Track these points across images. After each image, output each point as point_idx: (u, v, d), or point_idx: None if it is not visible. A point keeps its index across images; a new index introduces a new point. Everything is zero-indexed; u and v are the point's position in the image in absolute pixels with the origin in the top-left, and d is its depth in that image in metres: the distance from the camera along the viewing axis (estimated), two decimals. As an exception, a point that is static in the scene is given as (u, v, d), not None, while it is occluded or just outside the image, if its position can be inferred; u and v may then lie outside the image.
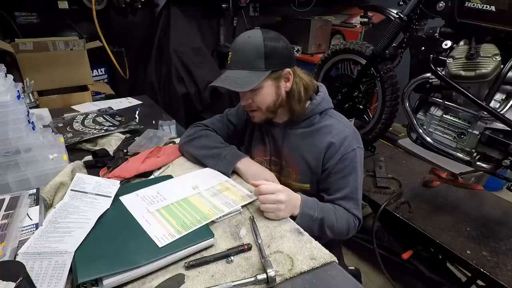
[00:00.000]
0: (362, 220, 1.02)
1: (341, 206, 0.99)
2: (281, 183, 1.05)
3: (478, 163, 1.31)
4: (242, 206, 0.87)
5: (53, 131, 1.22)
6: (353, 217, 0.99)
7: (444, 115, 1.40)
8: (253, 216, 0.84)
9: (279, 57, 0.92)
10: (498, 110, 1.20)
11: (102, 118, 1.42)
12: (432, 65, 1.34)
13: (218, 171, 1.03)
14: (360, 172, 1.01)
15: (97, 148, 1.17)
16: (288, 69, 0.95)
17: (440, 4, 1.34)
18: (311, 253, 0.73)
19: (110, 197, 0.85)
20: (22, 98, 0.93)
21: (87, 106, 1.67)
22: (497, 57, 1.15)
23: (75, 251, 0.67)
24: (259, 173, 1.01)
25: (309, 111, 1.01)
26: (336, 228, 0.95)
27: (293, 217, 0.88)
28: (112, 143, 1.21)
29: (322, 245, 0.76)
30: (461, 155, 1.35)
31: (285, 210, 0.85)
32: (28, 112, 0.94)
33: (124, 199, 0.86)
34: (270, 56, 0.91)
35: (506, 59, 1.16)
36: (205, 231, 0.75)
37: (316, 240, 0.79)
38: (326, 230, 0.93)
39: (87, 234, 0.72)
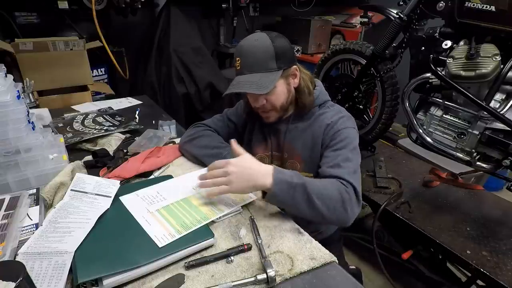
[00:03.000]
0: (361, 191, 0.88)
1: (331, 174, 0.89)
2: None
3: (478, 163, 1.31)
4: (242, 206, 0.87)
5: (53, 131, 1.22)
6: (343, 182, 0.85)
7: (444, 115, 1.40)
8: (253, 216, 0.84)
9: (286, 55, 0.95)
10: (498, 110, 1.20)
11: (102, 118, 1.42)
12: (432, 65, 1.34)
13: (218, 170, 1.02)
14: (355, 149, 0.96)
15: (97, 148, 1.17)
16: (294, 66, 0.99)
17: (440, 4, 1.34)
18: (311, 253, 0.72)
19: (110, 197, 0.85)
20: (22, 98, 0.93)
21: (87, 106, 1.67)
22: (497, 57, 1.15)
23: (75, 251, 0.67)
24: None
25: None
26: (326, 196, 0.81)
27: (266, 193, 0.81)
28: (112, 143, 1.21)
29: (322, 240, 0.77)
30: (461, 155, 1.35)
31: (238, 179, 0.79)
32: (28, 112, 0.94)
33: (124, 199, 0.86)
34: (280, 55, 0.93)
35: (506, 59, 1.16)
36: (205, 231, 0.75)
37: (316, 234, 0.79)
38: (314, 200, 0.79)
39: (87, 234, 0.72)
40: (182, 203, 0.85)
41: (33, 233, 0.71)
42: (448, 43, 1.33)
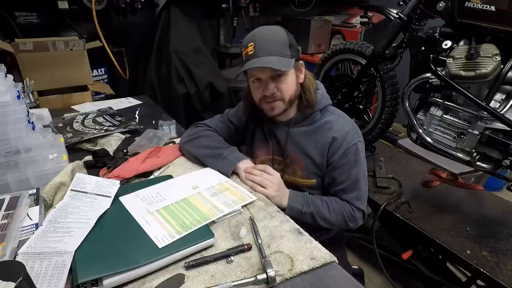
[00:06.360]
0: (365, 211, 1.06)
1: (342, 198, 1.04)
2: (286, 181, 1.08)
3: (478, 163, 1.31)
4: (242, 206, 0.87)
5: (53, 131, 1.22)
6: (351, 207, 1.03)
7: (444, 115, 1.40)
8: (253, 216, 0.84)
9: (296, 48, 0.97)
10: (498, 110, 1.20)
11: (102, 118, 1.42)
12: (432, 65, 1.34)
13: (218, 171, 1.03)
14: (362, 164, 1.04)
15: (97, 148, 1.17)
16: (301, 62, 1.00)
17: (440, 4, 1.34)
18: (311, 253, 0.72)
19: (110, 197, 0.85)
20: (22, 98, 0.93)
21: (87, 106, 1.67)
22: (497, 57, 1.14)
23: (75, 251, 0.67)
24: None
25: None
26: (330, 219, 1.01)
27: (282, 209, 0.93)
28: (112, 143, 1.21)
29: (324, 241, 0.77)
30: (461, 155, 1.34)
31: (276, 189, 0.96)
32: (28, 112, 0.94)
33: (124, 199, 0.86)
34: (292, 46, 0.95)
35: (506, 59, 1.16)
36: (205, 231, 0.75)
37: (317, 235, 0.79)
38: (319, 222, 1.00)
39: (87, 234, 0.72)
40: (182, 203, 0.85)
41: (33, 233, 0.71)
42: (448, 43, 1.33)
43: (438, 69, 1.32)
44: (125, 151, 1.13)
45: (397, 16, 1.53)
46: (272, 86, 0.96)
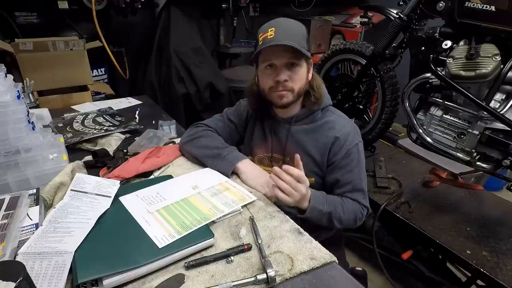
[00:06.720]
0: (369, 208, 1.08)
1: (350, 198, 1.04)
2: None
3: (478, 163, 1.31)
4: (242, 206, 0.87)
5: (53, 131, 1.22)
6: (361, 207, 1.04)
7: (444, 115, 1.40)
8: (253, 216, 0.84)
9: (309, 45, 0.99)
10: (498, 110, 1.20)
11: (102, 118, 1.42)
12: (432, 65, 1.34)
13: (218, 171, 1.03)
14: (363, 164, 1.06)
15: (97, 148, 1.17)
16: (310, 60, 1.01)
17: (440, 4, 1.34)
18: (311, 253, 0.72)
19: (110, 197, 0.85)
20: (22, 98, 0.93)
21: (87, 106, 1.67)
22: (497, 57, 1.15)
23: (75, 251, 0.67)
24: (258, 175, 1.01)
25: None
26: (343, 219, 1.00)
27: (301, 210, 0.92)
28: (112, 143, 1.21)
29: (324, 241, 0.77)
30: (461, 155, 1.35)
31: (299, 198, 0.87)
32: (28, 112, 0.94)
33: (124, 199, 0.86)
34: (308, 40, 0.97)
35: (506, 59, 1.16)
36: (205, 231, 0.75)
37: (317, 235, 0.79)
38: (334, 222, 0.98)
39: (87, 234, 0.72)
40: (182, 203, 0.85)
41: (33, 233, 0.71)
42: (448, 43, 1.33)
43: (438, 69, 1.32)
44: (125, 151, 1.13)
45: (397, 16, 1.53)
46: (285, 73, 0.96)
